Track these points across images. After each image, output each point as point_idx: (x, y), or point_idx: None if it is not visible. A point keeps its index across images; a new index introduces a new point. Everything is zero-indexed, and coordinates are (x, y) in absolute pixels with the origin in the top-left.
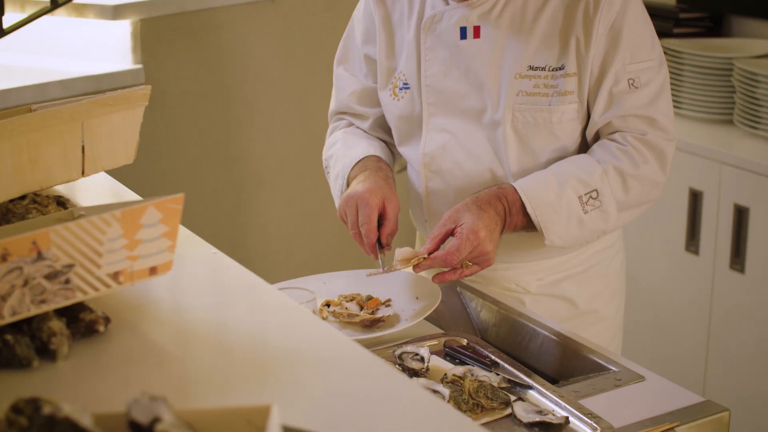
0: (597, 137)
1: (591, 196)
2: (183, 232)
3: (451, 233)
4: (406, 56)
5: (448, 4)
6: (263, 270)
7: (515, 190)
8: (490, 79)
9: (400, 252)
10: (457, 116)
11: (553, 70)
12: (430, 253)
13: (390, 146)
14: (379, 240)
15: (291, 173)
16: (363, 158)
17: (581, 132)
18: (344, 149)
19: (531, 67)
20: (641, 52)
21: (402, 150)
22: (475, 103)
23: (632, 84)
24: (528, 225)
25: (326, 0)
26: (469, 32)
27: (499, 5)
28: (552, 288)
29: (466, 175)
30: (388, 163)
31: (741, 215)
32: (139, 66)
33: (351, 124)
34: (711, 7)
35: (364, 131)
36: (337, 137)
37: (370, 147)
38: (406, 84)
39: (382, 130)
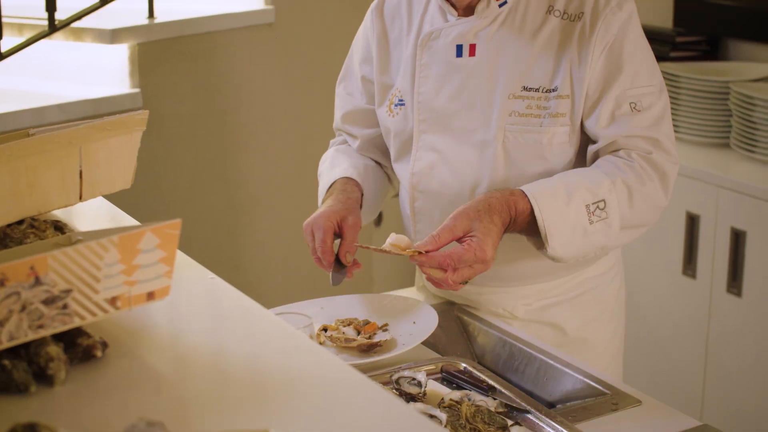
0: (596, 157)
1: (598, 207)
2: (180, 256)
3: (458, 239)
4: (403, 73)
5: (447, 21)
6: (261, 293)
7: (525, 196)
8: (483, 98)
9: (396, 238)
10: (447, 135)
11: (546, 92)
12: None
13: (383, 167)
14: (339, 260)
15: (288, 196)
16: (335, 180)
17: (573, 156)
18: (328, 169)
19: (525, 88)
20: (641, 78)
21: (396, 167)
22: (465, 122)
23: (634, 107)
24: (530, 231)
25: (324, 24)
26: (465, 50)
27: (496, 22)
28: (540, 314)
29: (452, 196)
30: (372, 181)
31: (738, 239)
32: (137, 90)
33: (345, 142)
34: (708, 30)
35: (355, 150)
36: (328, 155)
37: (349, 168)
38: (402, 101)
39: (376, 149)
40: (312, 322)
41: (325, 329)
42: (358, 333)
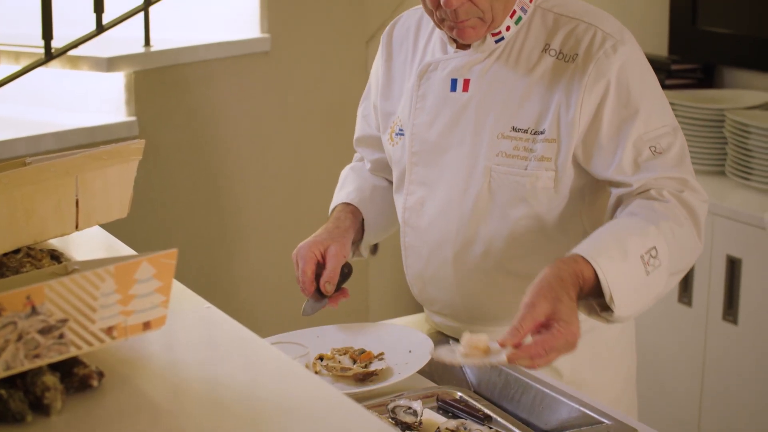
0: (619, 201)
1: (651, 255)
2: (176, 286)
3: (542, 325)
4: (404, 102)
5: (446, 53)
6: (257, 321)
7: (588, 262)
8: (473, 135)
9: (472, 339)
10: (437, 169)
11: (534, 133)
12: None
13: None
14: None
15: (284, 224)
16: (336, 206)
17: (560, 202)
18: (338, 189)
19: (514, 128)
20: (654, 120)
21: (395, 198)
22: (455, 159)
23: (654, 150)
24: (593, 294)
25: (319, 52)
26: (459, 84)
27: (492, 57)
28: None
29: (438, 234)
30: (379, 203)
31: (733, 266)
32: (133, 118)
33: (363, 159)
34: (702, 58)
35: (368, 171)
36: (344, 172)
37: (351, 193)
38: (401, 130)
39: (388, 170)
40: (308, 351)
41: (321, 358)
42: (354, 362)
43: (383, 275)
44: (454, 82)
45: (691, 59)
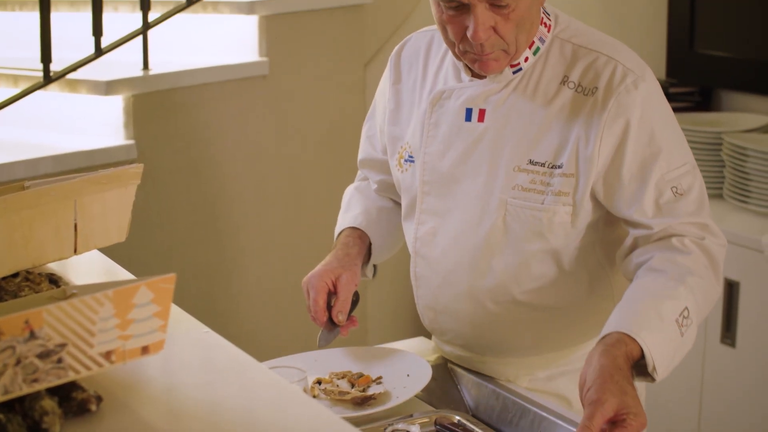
0: (636, 243)
1: (684, 316)
2: (175, 310)
3: (611, 419)
4: (414, 128)
5: (460, 80)
6: (255, 344)
7: (634, 340)
8: (488, 167)
9: None
10: (449, 200)
11: (551, 167)
12: None
13: (399, 206)
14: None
15: (282, 248)
16: (342, 230)
17: (576, 236)
18: (343, 211)
19: (531, 161)
20: (675, 158)
21: (404, 225)
22: (468, 189)
23: (676, 191)
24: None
25: (317, 76)
26: (475, 114)
27: (509, 88)
28: (544, 384)
29: (451, 265)
30: (385, 224)
31: (732, 289)
32: (132, 141)
33: (367, 178)
34: (700, 81)
35: (373, 191)
36: (348, 192)
37: (358, 216)
38: (411, 157)
39: (394, 191)
40: (306, 376)
41: (319, 382)
42: (352, 386)
43: (382, 299)
44: (469, 111)
45: (689, 82)
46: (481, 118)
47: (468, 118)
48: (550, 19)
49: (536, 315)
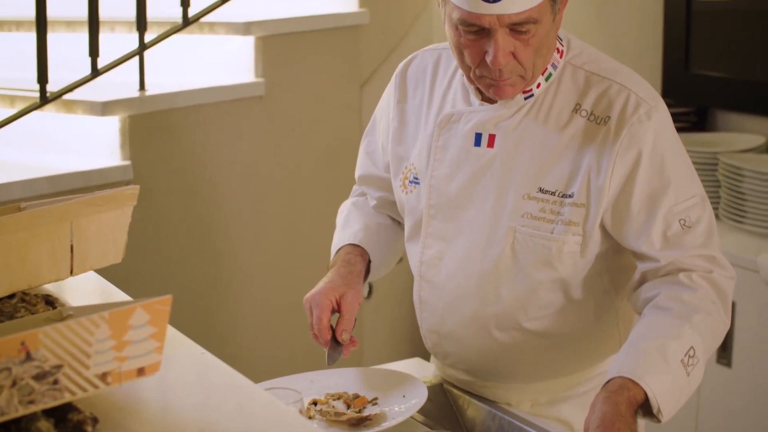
0: (644, 277)
1: (689, 355)
2: (171, 331)
3: None
4: (419, 149)
5: (469, 104)
6: (252, 365)
7: (637, 384)
8: (496, 193)
9: None
10: (456, 224)
11: (562, 196)
12: None
13: (399, 223)
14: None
15: (278, 269)
16: (342, 247)
17: (585, 266)
18: (341, 227)
19: (541, 189)
20: (684, 191)
21: (407, 246)
22: (476, 215)
23: (684, 224)
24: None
25: (313, 97)
26: (484, 140)
27: (519, 114)
28: (547, 409)
29: (457, 289)
30: (384, 241)
31: None
32: (128, 162)
33: (365, 194)
34: (696, 102)
35: (372, 208)
36: (345, 207)
37: (359, 233)
38: (416, 179)
39: (393, 207)
40: (302, 397)
41: (315, 403)
42: (348, 407)
43: (378, 320)
44: (478, 136)
45: (685, 103)
46: (490, 144)
47: (477, 143)
48: (562, 45)
49: (541, 342)
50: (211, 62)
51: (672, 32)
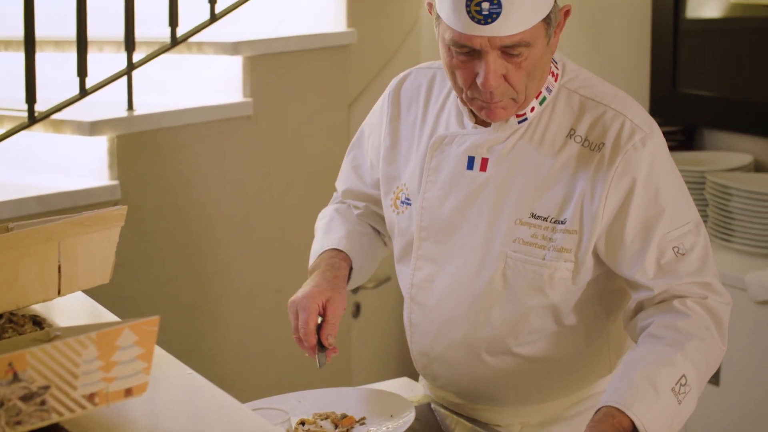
0: (640, 306)
1: (681, 383)
2: (158, 351)
3: None
4: (412, 170)
5: (462, 126)
6: (239, 385)
7: (622, 412)
8: (489, 218)
9: None
10: (448, 247)
11: (554, 222)
12: None
13: (380, 234)
14: (321, 342)
15: (266, 289)
16: (325, 251)
17: (577, 292)
18: (323, 232)
19: (533, 215)
20: (679, 218)
21: (397, 268)
22: (468, 239)
23: (678, 251)
24: None
25: (301, 116)
26: (477, 163)
27: (513, 138)
28: (537, 431)
29: (448, 313)
30: (366, 250)
31: None
32: (116, 182)
33: (345, 202)
34: (683, 121)
35: (355, 216)
36: (327, 213)
37: (343, 239)
38: (408, 200)
39: (377, 218)
40: (289, 417)
41: (302, 423)
42: (336, 426)
43: (366, 339)
44: (471, 159)
45: (672, 121)
46: (483, 168)
47: (470, 166)
48: (557, 68)
49: (531, 367)
50: (200, 82)
51: (659, 51)
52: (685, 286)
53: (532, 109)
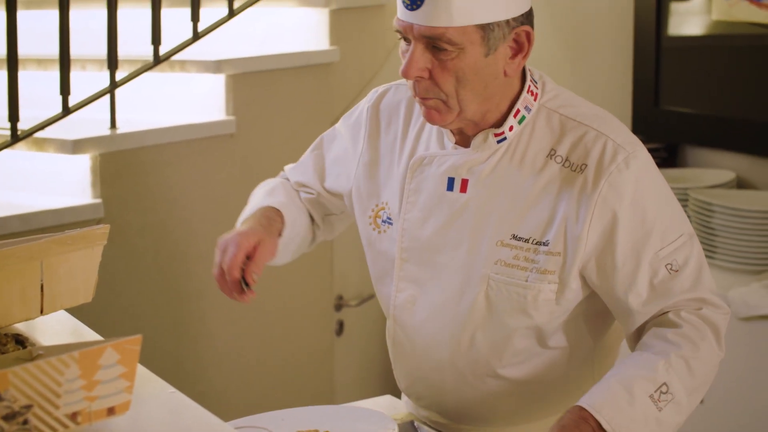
0: (641, 332)
1: (661, 391)
2: (141, 370)
3: None
4: (392, 190)
5: (443, 146)
6: (222, 403)
7: (589, 412)
8: (469, 239)
9: None
10: (429, 269)
11: (536, 244)
12: None
13: (314, 224)
14: (245, 280)
15: (250, 308)
16: (265, 206)
17: (561, 314)
18: (264, 194)
19: (515, 236)
20: (670, 233)
21: (377, 288)
22: (449, 260)
23: (671, 269)
24: None
25: (285, 134)
26: (457, 184)
27: (493, 158)
28: None
29: (430, 336)
30: (297, 228)
31: None
32: (99, 200)
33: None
34: (666, 138)
35: (300, 198)
36: (270, 183)
37: (286, 205)
38: (389, 219)
39: (319, 208)
40: None
41: None
42: None
43: (349, 357)
44: (450, 181)
45: (655, 139)
46: (463, 189)
47: (450, 187)
48: (537, 87)
49: (517, 388)
50: (182, 100)
51: (642, 68)
52: (679, 303)
53: (511, 128)
